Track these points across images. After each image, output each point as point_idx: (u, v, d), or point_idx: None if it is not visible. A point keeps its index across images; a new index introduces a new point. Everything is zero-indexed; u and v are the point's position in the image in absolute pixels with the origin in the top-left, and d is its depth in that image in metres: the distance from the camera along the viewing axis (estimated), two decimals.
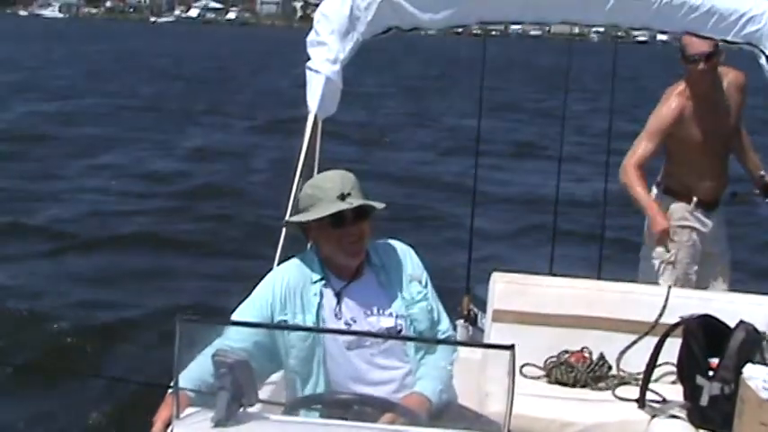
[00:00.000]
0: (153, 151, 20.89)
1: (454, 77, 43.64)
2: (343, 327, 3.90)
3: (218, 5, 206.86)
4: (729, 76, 6.16)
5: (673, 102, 6.07)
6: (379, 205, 3.90)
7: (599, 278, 5.92)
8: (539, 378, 5.20)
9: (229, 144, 22.30)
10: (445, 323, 4.13)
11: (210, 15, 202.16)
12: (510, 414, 2.84)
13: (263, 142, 22.16)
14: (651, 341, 5.06)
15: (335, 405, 3.63)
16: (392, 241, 4.16)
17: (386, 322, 3.94)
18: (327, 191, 3.88)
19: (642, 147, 6.05)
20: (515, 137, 25.15)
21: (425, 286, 4.08)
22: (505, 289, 5.41)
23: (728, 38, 5.34)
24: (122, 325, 8.79)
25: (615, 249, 7.00)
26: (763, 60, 5.32)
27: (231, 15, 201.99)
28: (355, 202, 3.85)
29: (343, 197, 3.85)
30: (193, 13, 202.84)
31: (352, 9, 5.19)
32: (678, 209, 6.20)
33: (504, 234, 13.11)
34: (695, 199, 6.18)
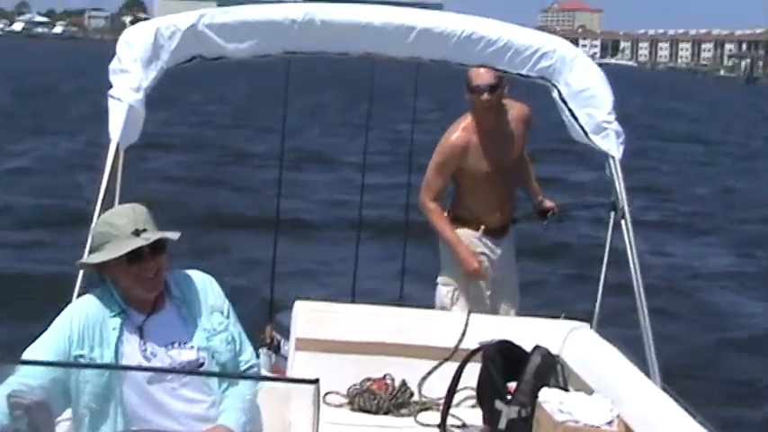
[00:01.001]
0: None
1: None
2: (144, 361, 3.88)
3: (44, 19, 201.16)
4: (515, 110, 6.50)
5: (457, 135, 6.34)
6: (175, 236, 3.92)
7: (400, 305, 6.09)
8: (342, 406, 5.29)
9: (51, 163, 21.67)
10: (248, 353, 4.16)
11: (36, 30, 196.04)
12: None
13: (90, 162, 21.52)
14: (452, 366, 5.19)
15: None
16: (191, 272, 4.16)
17: (187, 355, 3.95)
18: (121, 227, 3.86)
19: (433, 183, 6.32)
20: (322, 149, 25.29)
21: (227, 317, 4.11)
22: (308, 317, 5.49)
23: (523, 72, 5.61)
24: None
25: (416, 275, 7.20)
26: (555, 94, 5.61)
27: (58, 29, 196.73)
28: (152, 236, 3.84)
29: (137, 233, 3.85)
30: (17, 27, 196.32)
31: (156, 37, 5.19)
32: (466, 236, 6.44)
33: (308, 261, 13.20)
34: (483, 227, 6.45)
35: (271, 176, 14.89)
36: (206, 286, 4.14)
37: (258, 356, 5.40)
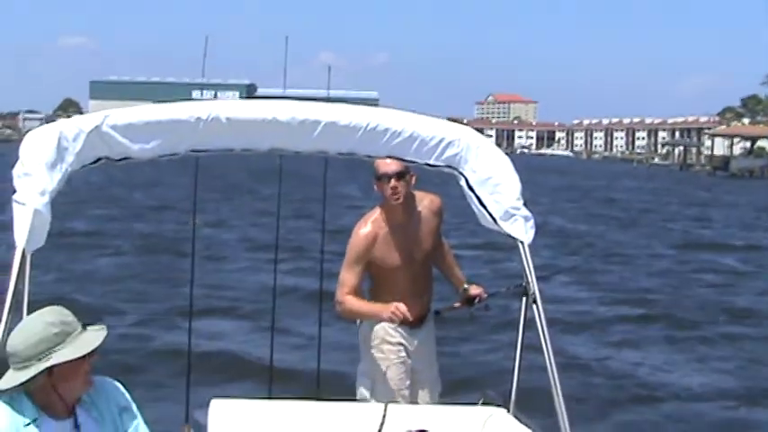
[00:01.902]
0: None
1: None
2: None
3: None
4: (425, 201, 6.62)
5: (365, 229, 6.44)
6: (92, 346, 4.05)
7: (319, 395, 6.11)
8: None
9: None
10: None
11: None
12: None
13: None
14: None
15: None
16: (97, 377, 4.22)
17: None
18: (72, 324, 4.02)
19: (347, 279, 6.39)
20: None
21: (135, 416, 4.19)
22: (225, 416, 5.48)
23: (430, 161, 5.72)
24: None
25: (335, 363, 7.24)
26: (462, 182, 5.73)
27: None
28: (101, 329, 4.07)
29: (85, 327, 4.03)
30: None
31: (59, 140, 5.15)
32: (382, 327, 6.50)
33: (226, 359, 13.09)
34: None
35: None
36: (112, 389, 4.24)
37: None
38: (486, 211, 5.67)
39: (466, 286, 6.72)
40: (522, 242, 5.63)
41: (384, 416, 5.56)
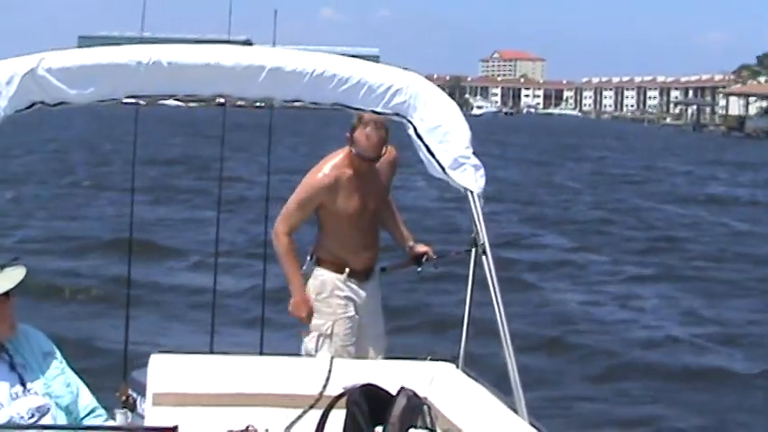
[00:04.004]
0: None
1: None
2: None
3: None
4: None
5: (325, 173, 6.48)
6: (9, 285, 4.05)
7: (261, 354, 6.17)
8: None
9: None
10: (88, 397, 4.32)
11: None
12: None
13: None
14: (316, 414, 5.24)
15: None
16: (19, 325, 4.32)
17: (35, 401, 4.11)
18: None
19: (293, 215, 6.44)
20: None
21: (61, 361, 4.28)
22: (165, 371, 5.52)
23: (377, 109, 5.74)
24: None
25: (278, 326, 7.31)
26: (410, 130, 5.76)
27: None
28: (16, 269, 4.13)
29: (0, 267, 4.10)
30: None
31: None
32: (331, 279, 6.57)
33: (167, 314, 13.41)
34: (347, 270, 6.58)
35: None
36: (34, 335, 4.34)
37: (114, 417, 5.52)
38: (435, 160, 5.69)
39: (411, 244, 6.78)
40: (471, 191, 5.65)
41: (330, 371, 5.62)
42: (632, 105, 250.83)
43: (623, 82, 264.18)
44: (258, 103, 6.46)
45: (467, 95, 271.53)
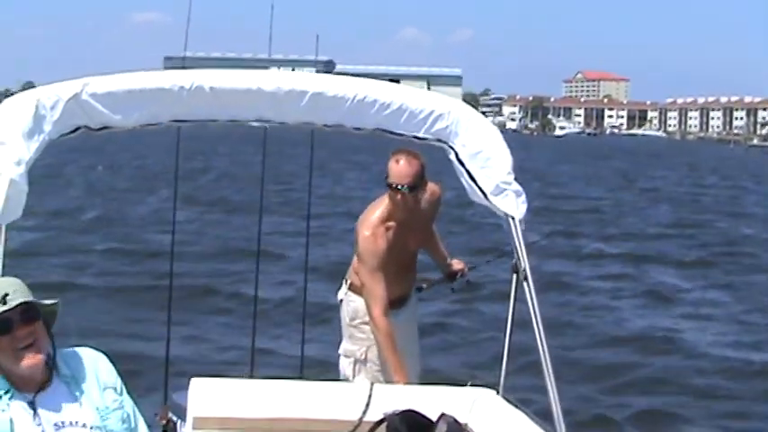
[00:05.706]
0: None
1: None
2: None
3: None
4: (427, 192, 6.61)
5: (377, 230, 6.48)
6: (47, 302, 4.05)
7: (301, 377, 6.20)
8: None
9: None
10: (143, 430, 4.31)
11: None
12: None
13: None
14: None
15: None
16: (80, 349, 4.27)
17: None
18: (13, 294, 3.95)
19: (377, 292, 6.42)
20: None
21: (120, 393, 4.22)
22: (205, 395, 5.57)
23: (419, 134, 5.75)
24: None
25: (318, 348, 7.32)
26: (452, 156, 5.77)
27: None
28: (14, 301, 3.95)
29: (3, 300, 3.94)
30: None
31: (37, 108, 5.20)
32: (362, 306, 6.57)
33: (205, 338, 13.42)
34: None
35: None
36: (97, 363, 4.24)
37: None
38: (477, 186, 5.68)
39: (449, 261, 6.81)
40: (512, 218, 5.64)
41: (370, 396, 5.63)
42: (718, 126, 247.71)
43: (709, 102, 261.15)
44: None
45: (549, 116, 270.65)
